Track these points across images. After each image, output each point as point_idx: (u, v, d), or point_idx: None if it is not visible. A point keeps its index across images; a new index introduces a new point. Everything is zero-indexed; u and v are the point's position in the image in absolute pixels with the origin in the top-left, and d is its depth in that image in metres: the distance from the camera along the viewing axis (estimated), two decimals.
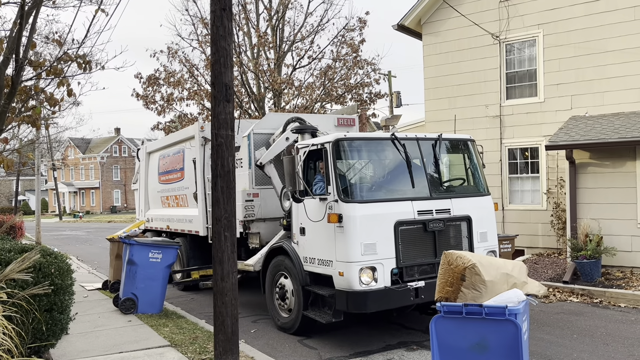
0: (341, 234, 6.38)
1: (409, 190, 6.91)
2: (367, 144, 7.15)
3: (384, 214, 6.49)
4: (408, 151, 6.92)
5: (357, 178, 6.96)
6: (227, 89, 5.72)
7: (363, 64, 21.73)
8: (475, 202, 7.34)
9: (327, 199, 6.60)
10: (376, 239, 6.37)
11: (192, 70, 21.37)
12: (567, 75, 12.30)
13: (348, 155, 6.92)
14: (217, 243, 5.68)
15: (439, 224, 6.80)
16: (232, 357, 5.59)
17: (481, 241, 7.25)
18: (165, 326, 7.53)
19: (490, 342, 3.94)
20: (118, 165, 70.94)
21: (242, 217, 8.48)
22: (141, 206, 13.37)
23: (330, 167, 6.62)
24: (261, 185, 8.75)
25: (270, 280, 7.76)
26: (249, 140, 8.72)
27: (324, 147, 6.75)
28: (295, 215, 7.28)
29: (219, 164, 5.70)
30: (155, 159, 12.63)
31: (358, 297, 6.26)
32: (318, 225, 6.70)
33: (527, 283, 4.28)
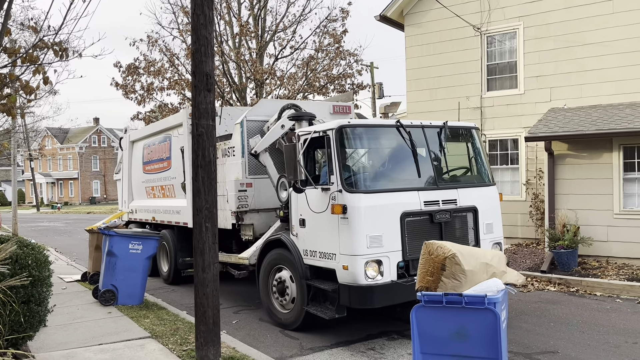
0: (345, 226, 6.10)
1: (415, 179, 6.67)
2: (371, 131, 6.83)
3: (389, 205, 6.22)
4: (413, 139, 6.65)
5: (362, 167, 6.69)
6: (208, 78, 5.66)
7: (345, 55, 21.69)
8: (481, 193, 7.14)
9: (329, 189, 6.30)
10: (382, 231, 6.10)
11: (173, 59, 21.10)
12: (547, 68, 12.44)
13: (352, 143, 6.63)
14: (198, 234, 5.64)
15: (445, 215, 6.57)
16: (214, 347, 5.58)
17: (487, 232, 7.05)
18: (146, 318, 7.48)
19: (470, 331, 4.00)
20: (97, 155, 69.95)
21: (235, 208, 8.24)
22: (124, 197, 13.00)
23: (334, 155, 6.30)
24: (255, 175, 8.42)
25: (266, 274, 7.46)
26: (242, 128, 8.36)
27: (327, 134, 6.42)
28: (294, 206, 6.94)
29: (200, 154, 5.65)
30: (139, 148, 12.27)
31: (364, 292, 5.99)
32: (320, 217, 6.38)
33: (506, 272, 4.35)
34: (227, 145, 8.79)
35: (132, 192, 12.63)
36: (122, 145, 13.19)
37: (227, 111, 9.94)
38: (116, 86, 21.33)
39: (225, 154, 8.82)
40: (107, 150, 70.55)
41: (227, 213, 8.50)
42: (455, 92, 13.65)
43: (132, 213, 12.39)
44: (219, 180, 8.70)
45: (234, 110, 10.30)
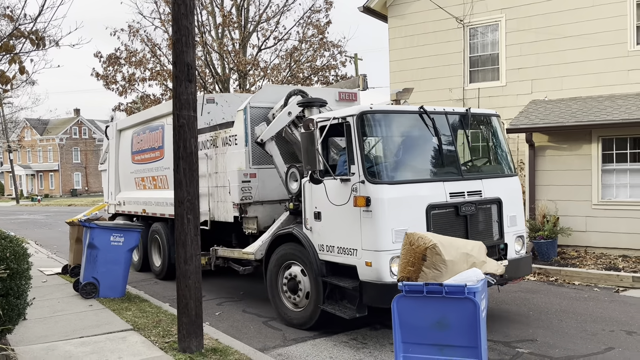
0: (369, 219, 5.70)
1: (440, 169, 6.35)
2: (395, 118, 6.34)
3: (415, 197, 5.86)
4: (437, 126, 6.30)
5: (385, 156, 6.22)
6: (189, 68, 5.61)
7: (329, 46, 21.66)
8: (504, 183, 6.79)
9: (350, 180, 5.90)
10: (407, 225, 5.68)
11: (155, 49, 20.87)
12: (528, 60, 12.55)
13: (374, 131, 6.18)
14: (179, 226, 5.63)
15: (470, 208, 6.21)
16: (196, 339, 5.58)
17: (511, 225, 6.71)
18: (127, 310, 7.43)
19: (450, 320, 4.05)
20: (78, 147, 69.00)
21: (239, 200, 7.78)
22: (110, 188, 12.45)
23: (355, 144, 5.89)
24: (259, 165, 7.92)
25: (274, 271, 7.00)
26: (245, 115, 7.83)
27: (347, 121, 6.00)
28: (308, 198, 6.51)
29: (182, 145, 5.62)
30: (127, 137, 11.73)
31: (389, 291, 5.44)
32: (340, 210, 5.99)
33: (486, 262, 4.40)
34: (227, 133, 8.31)
35: (120, 183, 12.15)
36: (108, 134, 12.62)
37: (225, 98, 9.58)
38: (97, 77, 21.03)
39: (225, 143, 8.34)
40: (88, 141, 69.62)
41: (228, 205, 8.19)
42: (439, 84, 13.71)
43: (120, 205, 11.93)
44: (219, 171, 8.46)
45: (231, 97, 9.87)
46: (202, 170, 8.61)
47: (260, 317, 7.51)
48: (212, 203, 8.63)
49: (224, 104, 9.40)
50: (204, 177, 8.47)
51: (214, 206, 8.59)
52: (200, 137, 8.55)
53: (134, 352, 5.60)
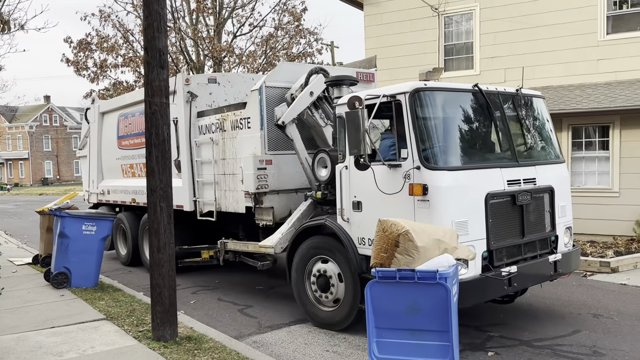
0: (425, 210, 5.13)
1: (496, 155, 5.88)
2: (451, 97, 5.76)
3: (474, 185, 5.35)
4: (492, 107, 5.83)
5: (442, 139, 5.57)
6: (161, 54, 5.52)
7: (305, 34, 21.55)
8: (555, 170, 6.30)
9: (400, 166, 5.33)
10: (467, 216, 5.22)
11: (127, 35, 20.47)
12: (502, 49, 12.68)
13: (429, 111, 5.51)
14: (152, 214, 5.57)
15: (526, 197, 5.72)
16: (170, 328, 5.56)
17: (561, 216, 6.23)
18: (100, 300, 7.34)
19: (422, 305, 4.11)
20: (49, 135, 67.48)
21: (254, 189, 7.11)
22: (92, 176, 11.65)
23: (408, 125, 5.30)
24: (274, 151, 7.29)
25: (300, 267, 6.40)
26: (261, 95, 7.18)
27: (397, 99, 5.39)
28: (345, 187, 5.91)
29: (154, 132, 5.55)
30: (112, 121, 10.93)
31: None
32: (389, 199, 5.38)
33: (458, 248, 4.47)
34: (237, 115, 7.62)
35: (103, 170, 11.38)
36: (88, 118, 11.78)
37: (227, 78, 9.02)
38: (67, 62, 20.55)
39: (236, 126, 7.66)
40: (59, 129, 68.12)
41: (238, 194, 7.57)
42: (414, 73, 13.66)
43: (103, 194, 11.19)
44: (227, 157, 7.83)
45: (234, 77, 9.24)
46: (206, 156, 8.24)
47: (235, 305, 7.51)
48: (219, 192, 8.04)
49: (227, 84, 8.85)
50: (209, 164, 8.19)
51: (221, 195, 8.01)
52: (203, 120, 8.31)
53: (106, 342, 5.55)
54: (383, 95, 5.45)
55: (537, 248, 5.96)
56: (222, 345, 5.40)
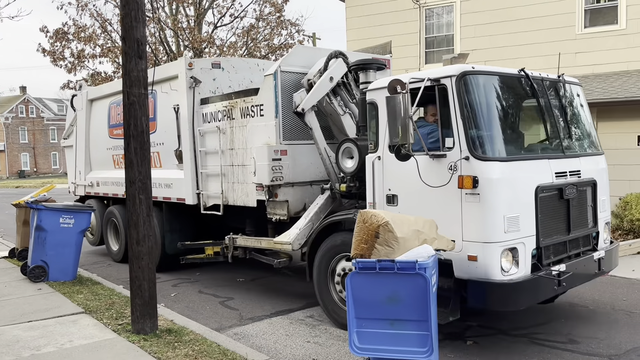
0: (475, 204, 4.75)
1: (544, 145, 5.54)
2: (497, 82, 5.32)
3: (524, 177, 4.99)
4: (538, 94, 5.48)
5: (492, 127, 5.11)
6: (139, 44, 5.44)
7: (287, 25, 21.44)
8: (596, 162, 5.94)
9: (445, 156, 4.93)
10: (518, 211, 4.85)
11: (105, 25, 20.14)
12: (482, 42, 12.78)
13: (477, 96, 5.08)
14: (131, 206, 5.51)
15: (572, 190, 5.37)
16: (150, 320, 5.53)
17: (602, 211, 5.89)
18: (79, 293, 7.26)
19: (402, 295, 4.13)
20: (25, 126, 66.14)
21: (268, 181, 6.63)
22: (79, 167, 11.02)
23: (454, 111, 4.90)
24: (289, 140, 6.83)
25: (323, 265, 6.00)
26: (276, 81, 6.70)
27: (441, 83, 4.99)
28: (378, 179, 5.52)
29: (132, 124, 5.47)
30: (102, 108, 10.33)
31: (504, 290, 4.73)
32: (430, 192, 5.00)
33: (437, 239, 4.50)
34: (248, 102, 7.16)
35: (91, 161, 10.81)
36: (74, 105, 11.14)
37: (232, 63, 8.64)
38: (43, 52, 20.16)
39: (246, 114, 7.20)
40: (36, 120, 66.81)
41: (249, 187, 7.16)
42: (395, 65, 13.74)
43: (92, 186, 10.62)
44: (236, 147, 7.40)
45: (238, 62, 8.84)
46: (212, 146, 7.80)
47: (216, 297, 7.49)
48: (226, 184, 7.60)
49: (231, 69, 8.42)
50: (214, 155, 7.77)
51: (228, 188, 7.57)
52: (207, 107, 7.90)
53: (85, 335, 5.49)
54: (427, 79, 5.01)
55: (580, 245, 5.60)
56: (203, 338, 5.38)
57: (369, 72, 6.44)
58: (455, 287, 4.94)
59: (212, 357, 4.83)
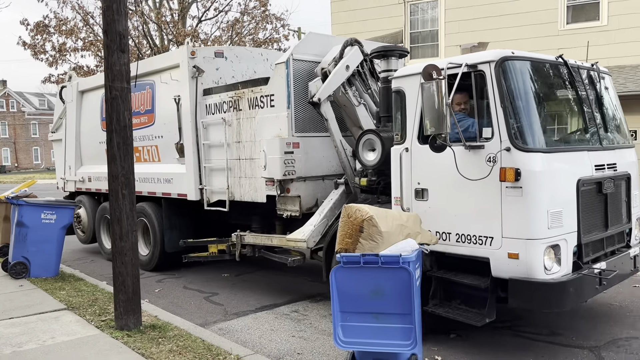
0: (517, 199, 4.48)
1: (583, 136, 5.28)
2: (537, 68, 5.06)
3: (566, 170, 4.74)
4: (576, 83, 5.22)
5: (533, 116, 4.81)
6: (121, 38, 5.38)
7: (272, 19, 21.34)
8: (628, 155, 5.68)
9: (483, 147, 4.63)
10: (561, 205, 4.60)
11: (87, 18, 19.87)
12: (466, 37, 12.85)
13: (517, 83, 4.79)
14: (114, 202, 5.46)
15: (610, 184, 5.14)
16: (134, 316, 5.49)
17: (634, 206, 5.68)
18: (61, 289, 7.18)
19: (386, 289, 4.15)
20: (6, 121, 65.09)
21: (280, 175, 6.33)
22: (69, 162, 10.61)
23: (494, 99, 4.61)
24: (302, 133, 6.51)
25: None
26: (288, 69, 6.37)
27: (479, 70, 4.70)
28: (405, 172, 5.22)
29: (115, 118, 5.41)
30: (94, 100, 9.93)
31: (549, 290, 4.47)
32: (465, 186, 4.72)
33: (421, 233, 4.53)
34: (257, 93, 6.84)
35: (82, 155, 10.40)
36: (64, 97, 10.72)
37: (235, 52, 8.25)
38: (24, 46, 19.84)
39: (255, 105, 6.88)
40: (17, 115, 65.78)
41: (258, 182, 6.87)
42: None
43: (83, 182, 10.21)
44: (243, 140, 7.09)
45: (242, 52, 8.41)
46: (216, 139, 7.47)
47: (201, 292, 7.47)
48: (232, 179, 7.29)
49: (234, 59, 8.05)
50: (219, 148, 7.42)
51: (235, 183, 7.26)
52: (211, 98, 7.57)
53: (68, 332, 5.44)
54: (466, 65, 4.71)
55: (615, 242, 5.34)
56: (187, 333, 5.36)
57: (391, 59, 6.12)
58: (492, 286, 4.68)
59: (196, 352, 4.81)
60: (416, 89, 5.00)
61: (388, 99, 5.72)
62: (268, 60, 8.27)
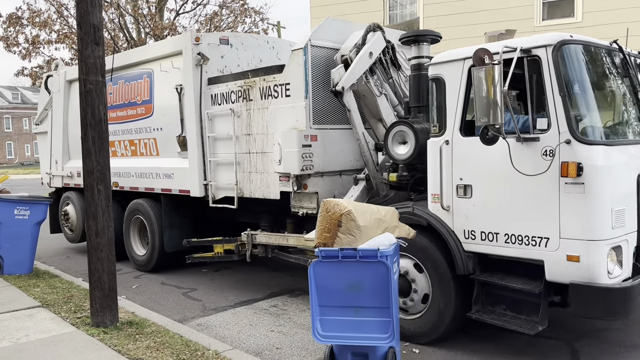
0: (579, 196, 4.11)
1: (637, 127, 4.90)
2: (596, 54, 4.69)
3: (628, 164, 4.40)
4: (633, 71, 4.85)
5: (594, 106, 4.43)
6: (95, 30, 5.29)
7: (251, 13, 21.20)
8: None
9: (539, 140, 4.25)
10: (623, 203, 4.25)
11: (61, 10, 19.48)
12: (444, 33, 12.83)
13: (577, 70, 4.42)
14: (90, 197, 5.38)
15: None
16: (111, 313, 5.43)
17: None
18: (36, 286, 7.05)
19: (364, 283, 4.18)
20: None
21: (298, 170, 5.88)
22: (55, 156, 10.05)
23: (551, 86, 4.23)
24: (320, 124, 6.10)
25: None
26: (306, 56, 5.93)
27: (534, 55, 4.32)
28: (446, 166, 4.81)
29: (89, 112, 5.33)
30: None
31: (616, 296, 4.09)
32: (518, 182, 4.35)
33: (398, 227, 4.57)
34: (270, 82, 6.40)
35: (70, 149, 9.85)
36: (49, 87, 10.15)
37: (240, 39, 7.83)
38: None
39: (268, 95, 6.44)
40: None
41: (270, 177, 6.46)
42: None
43: (71, 177, 9.74)
44: (253, 132, 6.67)
45: (248, 39, 7.97)
46: (223, 131, 7.01)
47: (179, 288, 7.41)
48: (241, 174, 6.84)
49: (240, 46, 7.63)
50: (227, 141, 6.95)
51: (244, 178, 6.81)
52: (217, 88, 7.11)
53: (42, 329, 5.34)
54: (521, 49, 4.30)
55: None
56: (165, 329, 5.32)
57: (423, 45, 5.74)
58: (546, 291, 4.34)
59: (174, 348, 4.78)
60: (458, 76, 4.72)
61: (420, 87, 5.48)
62: (274, 48, 7.93)
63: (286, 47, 7.84)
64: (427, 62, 5.44)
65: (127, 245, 8.66)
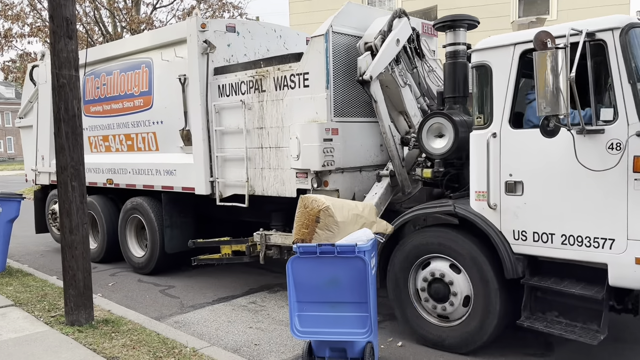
0: None
1: None
2: None
3: None
4: None
5: None
6: (68, 23, 5.20)
7: (229, 7, 21.02)
8: None
9: (603, 132, 3.91)
10: None
11: (34, 3, 19.05)
12: None
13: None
14: (63, 194, 5.29)
15: None
16: (86, 311, 5.35)
17: None
18: (8, 285, 6.91)
19: (342, 278, 4.19)
20: None
21: (319, 166, 5.49)
22: (42, 151, 9.47)
23: (618, 73, 3.90)
24: (341, 117, 5.71)
25: (403, 270, 4.95)
26: (327, 43, 5.52)
27: (598, 39, 3.97)
28: (493, 161, 4.43)
29: (62, 107, 5.24)
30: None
31: None
32: (578, 178, 4.03)
33: (376, 223, 4.59)
34: (285, 71, 5.99)
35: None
36: (35, 78, 9.59)
37: (247, 27, 7.34)
38: None
39: (283, 85, 6.02)
40: None
41: (285, 174, 6.05)
42: None
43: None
44: (267, 125, 6.25)
45: (255, 27, 7.51)
46: (232, 124, 6.57)
47: (157, 285, 7.33)
48: (253, 171, 6.41)
49: (247, 34, 7.20)
50: (236, 135, 6.52)
51: (256, 175, 6.39)
52: (225, 78, 6.65)
53: (15, 329, 5.24)
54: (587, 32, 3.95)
55: None
56: (142, 327, 5.26)
57: (459, 31, 5.39)
58: (608, 296, 4.03)
59: (150, 346, 4.73)
60: (507, 63, 4.37)
61: (456, 76, 5.23)
62: (282, 37, 7.58)
63: (293, 36, 7.71)
64: (464, 49, 5.25)
65: (124, 246, 8.21)
